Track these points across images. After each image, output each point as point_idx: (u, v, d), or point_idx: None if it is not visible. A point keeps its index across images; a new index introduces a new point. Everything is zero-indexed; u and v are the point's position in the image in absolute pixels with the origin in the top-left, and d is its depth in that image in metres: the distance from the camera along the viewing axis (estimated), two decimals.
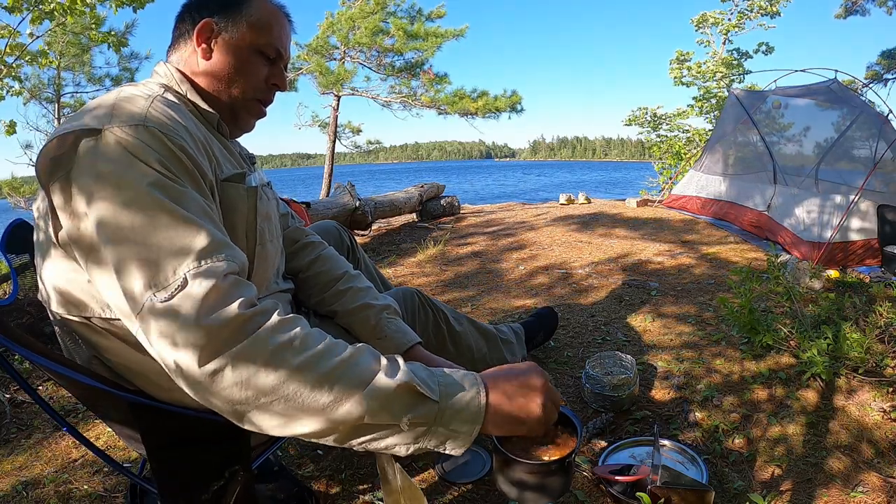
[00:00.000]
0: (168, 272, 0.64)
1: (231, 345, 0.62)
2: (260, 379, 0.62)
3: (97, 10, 4.31)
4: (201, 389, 0.63)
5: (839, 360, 1.67)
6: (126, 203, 0.68)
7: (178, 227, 0.67)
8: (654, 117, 9.36)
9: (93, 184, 0.69)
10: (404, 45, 6.97)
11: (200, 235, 0.68)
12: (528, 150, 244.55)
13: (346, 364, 0.66)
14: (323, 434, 0.65)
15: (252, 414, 0.64)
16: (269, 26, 0.94)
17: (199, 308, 0.62)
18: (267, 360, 0.63)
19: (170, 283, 0.64)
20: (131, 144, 0.71)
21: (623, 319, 2.27)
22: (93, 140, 0.72)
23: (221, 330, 0.62)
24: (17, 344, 0.76)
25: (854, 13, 11.09)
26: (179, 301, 0.63)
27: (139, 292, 0.64)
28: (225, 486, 0.86)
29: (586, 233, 4.12)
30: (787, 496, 1.21)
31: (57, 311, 0.82)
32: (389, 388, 0.65)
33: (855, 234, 3.06)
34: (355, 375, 0.65)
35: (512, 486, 1.18)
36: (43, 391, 1.86)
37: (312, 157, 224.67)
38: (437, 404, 0.67)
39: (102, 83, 8.62)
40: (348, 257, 1.49)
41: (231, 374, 0.62)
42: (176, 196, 0.70)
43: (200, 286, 0.63)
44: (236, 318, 0.63)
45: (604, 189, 27.45)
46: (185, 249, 0.65)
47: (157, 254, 0.65)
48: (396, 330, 1.12)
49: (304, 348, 0.65)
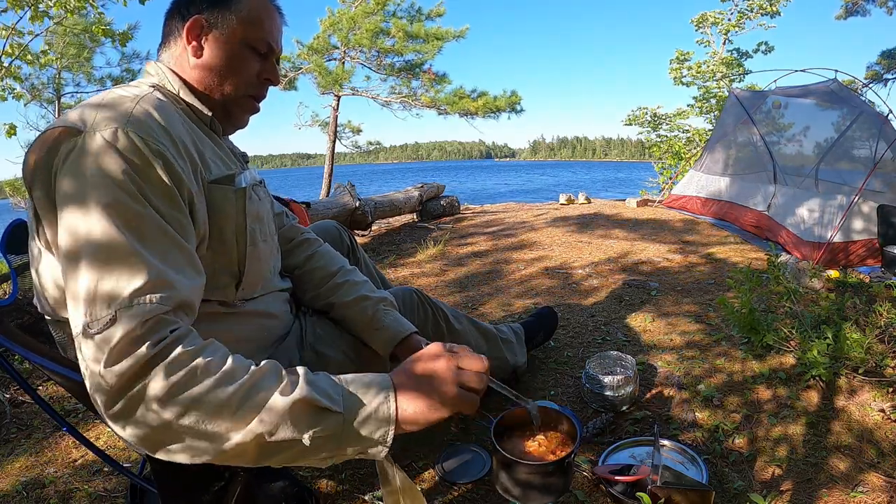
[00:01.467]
0: (103, 305, 0.65)
1: (132, 386, 0.63)
2: (161, 415, 0.63)
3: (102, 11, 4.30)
4: (112, 421, 0.64)
5: (840, 361, 1.67)
6: (86, 219, 0.68)
7: (124, 258, 0.67)
8: (654, 117, 9.35)
9: (67, 189, 0.70)
10: (404, 46, 6.97)
11: (141, 271, 0.67)
12: (528, 150, 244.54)
13: (244, 388, 0.66)
14: (232, 457, 0.66)
15: (159, 446, 0.65)
16: (260, 20, 0.93)
17: (113, 351, 0.63)
18: (165, 398, 0.63)
19: (102, 317, 0.64)
20: (105, 151, 0.70)
21: (623, 319, 2.27)
22: (73, 142, 0.71)
23: (125, 374, 0.63)
24: (16, 344, 0.76)
25: (854, 14, 11.09)
26: (104, 337, 0.63)
27: (80, 314, 0.65)
28: (225, 486, 0.86)
29: (586, 233, 4.12)
30: (787, 496, 1.21)
31: (48, 312, 0.83)
32: (286, 407, 0.65)
33: (855, 234, 3.05)
34: (252, 398, 0.65)
35: (512, 486, 1.18)
36: (43, 391, 1.86)
37: (312, 157, 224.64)
38: (341, 415, 0.67)
39: (103, 83, 8.63)
40: (348, 257, 1.49)
41: (135, 413, 0.63)
42: (130, 220, 0.69)
43: (121, 328, 0.63)
44: (139, 361, 0.63)
45: (609, 189, 27.47)
46: (122, 284, 0.66)
47: (99, 282, 0.65)
48: (394, 320, 1.12)
49: (203, 378, 0.65)
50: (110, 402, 0.63)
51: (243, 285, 0.93)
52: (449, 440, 1.46)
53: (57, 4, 3.83)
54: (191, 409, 0.63)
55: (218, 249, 0.87)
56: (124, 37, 4.85)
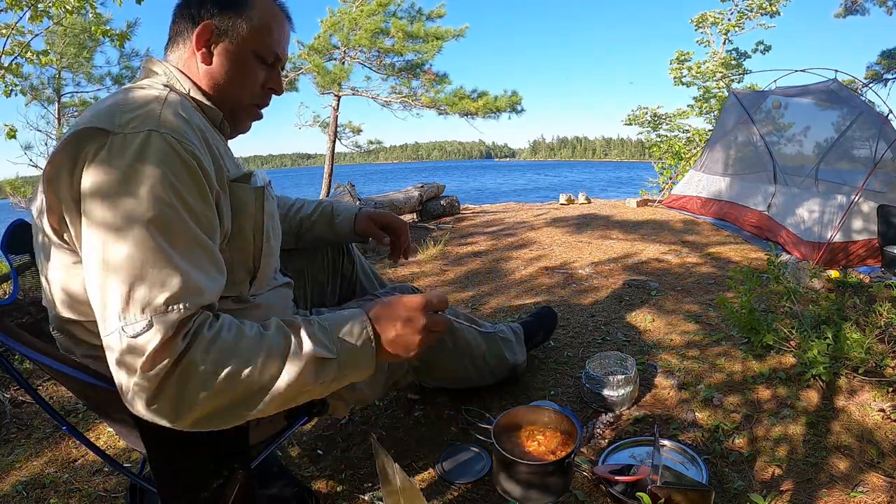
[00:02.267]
0: (138, 311, 0.68)
1: (170, 382, 0.69)
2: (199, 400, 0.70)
3: (100, 13, 4.30)
4: (157, 414, 0.70)
5: (840, 361, 1.67)
6: (119, 223, 0.69)
7: (158, 264, 0.70)
8: (654, 117, 9.35)
9: (97, 192, 0.70)
10: (404, 46, 6.97)
11: (174, 277, 0.70)
12: (528, 150, 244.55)
13: (267, 354, 0.74)
14: (258, 415, 0.76)
15: (199, 426, 0.73)
16: (270, 29, 0.93)
17: (150, 355, 0.67)
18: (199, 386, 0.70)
19: (138, 321, 0.68)
20: (140, 155, 0.71)
21: (623, 319, 2.27)
22: (100, 143, 0.71)
23: (161, 373, 0.68)
24: (17, 343, 0.76)
25: (854, 13, 11.09)
26: (142, 342, 0.67)
27: (114, 317, 0.68)
28: (224, 485, 0.86)
29: (586, 233, 4.12)
30: (787, 496, 1.21)
31: (63, 312, 0.82)
32: (300, 369, 0.75)
33: (855, 234, 3.05)
34: (271, 367, 0.74)
35: (512, 486, 1.18)
36: (43, 391, 1.86)
37: (312, 157, 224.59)
38: (335, 360, 0.78)
39: (102, 82, 8.63)
40: (343, 257, 1.49)
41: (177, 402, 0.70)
42: (163, 225, 0.71)
43: (158, 334, 0.67)
44: (173, 358, 0.68)
45: (610, 189, 27.47)
46: (157, 291, 0.69)
47: (134, 288, 0.68)
48: (345, 207, 1.39)
49: (227, 358, 0.71)
50: (152, 399, 0.68)
51: (256, 281, 0.95)
52: (449, 440, 1.46)
53: (56, 4, 3.84)
54: (222, 391, 0.71)
55: (237, 246, 0.89)
56: (122, 37, 4.84)
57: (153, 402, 0.69)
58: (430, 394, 1.67)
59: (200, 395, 0.70)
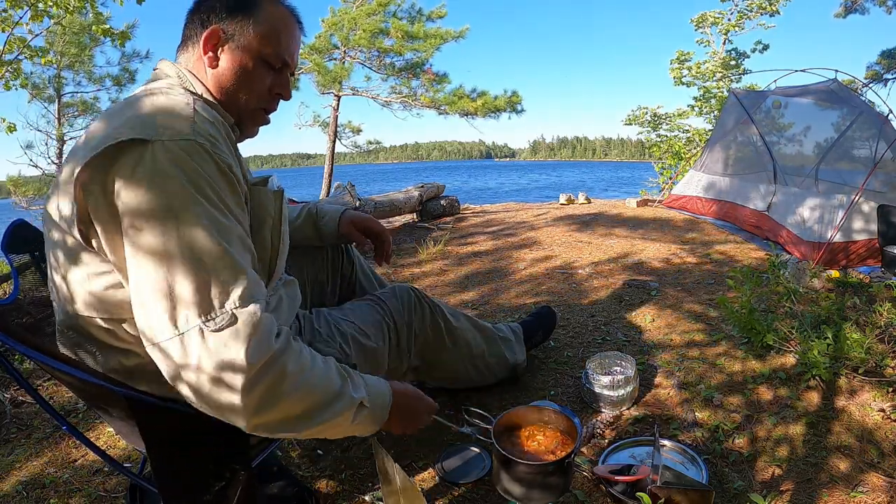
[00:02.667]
0: (216, 304, 0.72)
1: (267, 374, 0.74)
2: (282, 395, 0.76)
3: (100, 12, 4.29)
4: (232, 410, 0.74)
5: (840, 361, 1.67)
6: (178, 228, 0.71)
7: (228, 264, 0.74)
8: (654, 117, 9.34)
9: (143, 200, 0.71)
10: (403, 45, 6.97)
11: (243, 274, 0.75)
12: (528, 151, 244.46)
13: (330, 380, 0.83)
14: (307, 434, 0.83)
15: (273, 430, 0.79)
16: (277, 35, 0.93)
17: (248, 343, 0.72)
18: (288, 382, 0.77)
19: (219, 316, 0.72)
20: (184, 162, 0.73)
21: (623, 319, 2.27)
22: (141, 152, 0.72)
23: (262, 364, 0.73)
24: (18, 342, 0.76)
25: (854, 12, 11.09)
26: (231, 333, 0.71)
27: (188, 317, 0.71)
28: (226, 486, 0.86)
29: (586, 233, 4.12)
30: (787, 496, 1.20)
31: (82, 311, 0.82)
32: (354, 403, 0.86)
33: (855, 234, 3.05)
34: (333, 390, 0.83)
35: (512, 486, 1.18)
36: (43, 391, 1.86)
37: (312, 157, 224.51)
38: (370, 410, 0.89)
39: (103, 82, 8.63)
40: (343, 258, 1.49)
41: (262, 396, 0.74)
42: (223, 229, 0.75)
43: (246, 323, 0.72)
44: (272, 353, 0.75)
45: (612, 188, 27.48)
46: (233, 285, 0.73)
47: (208, 286, 0.72)
48: (329, 209, 1.41)
49: (306, 370, 0.80)
50: (249, 385, 0.72)
51: (271, 282, 0.97)
52: (449, 440, 1.46)
53: (57, 4, 3.83)
54: (299, 395, 0.78)
55: (258, 247, 0.90)
56: (123, 36, 4.84)
57: (250, 391, 0.72)
58: (430, 394, 1.67)
59: (285, 397, 0.76)
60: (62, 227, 0.80)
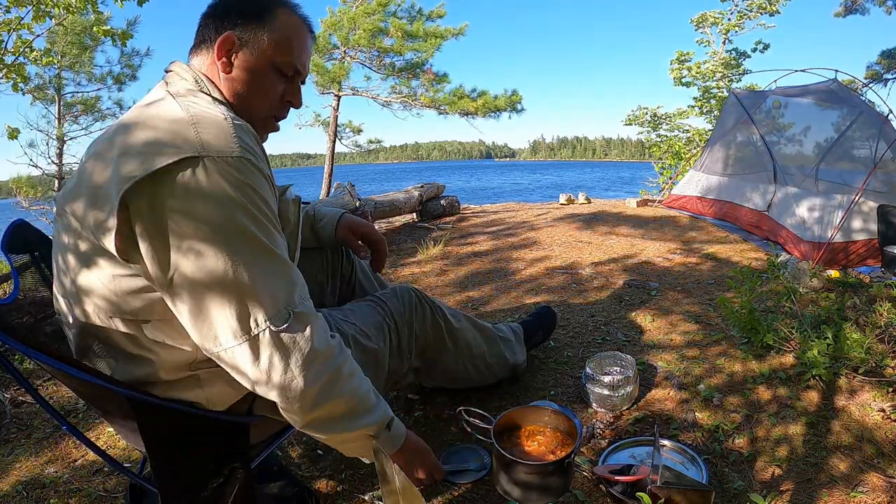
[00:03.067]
0: (280, 306, 0.79)
1: (327, 370, 0.84)
2: (338, 392, 0.87)
3: (101, 12, 4.29)
4: (297, 400, 0.82)
5: (840, 361, 1.67)
6: (233, 241, 0.75)
7: (281, 269, 0.80)
8: (654, 117, 9.34)
9: (195, 217, 0.73)
10: (403, 45, 6.97)
11: (296, 276, 0.83)
12: (528, 151, 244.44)
13: (369, 392, 0.94)
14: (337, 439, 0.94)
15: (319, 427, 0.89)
16: (290, 43, 0.93)
17: (312, 339, 0.82)
18: (345, 380, 0.88)
19: (281, 316, 0.79)
20: (234, 178, 0.76)
21: (623, 319, 2.27)
22: (192, 169, 0.73)
23: (325, 355, 0.84)
24: (18, 342, 0.76)
25: (854, 12, 11.08)
26: (294, 333, 0.80)
27: (257, 320, 0.77)
28: (224, 484, 0.86)
29: (586, 233, 4.12)
30: (787, 496, 1.21)
31: (102, 315, 0.83)
32: (385, 416, 0.97)
33: (855, 234, 3.05)
34: (371, 402, 0.94)
35: (512, 487, 1.18)
36: (43, 391, 1.86)
37: (312, 157, 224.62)
38: (389, 433, 0.98)
39: (104, 82, 8.63)
40: (342, 259, 1.49)
41: (321, 391, 0.84)
42: (273, 239, 0.80)
43: (306, 321, 0.82)
44: (330, 347, 0.85)
45: (613, 188, 27.50)
46: (288, 288, 0.81)
47: (268, 289, 0.78)
48: (328, 212, 1.41)
49: (356, 376, 0.91)
50: (314, 376, 0.82)
51: None
52: (449, 440, 1.46)
53: (59, 5, 3.83)
54: (349, 396, 0.88)
55: None
56: (125, 35, 4.84)
57: (314, 382, 0.82)
58: (430, 394, 1.67)
59: (337, 395, 0.86)
60: (84, 233, 0.79)
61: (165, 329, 0.83)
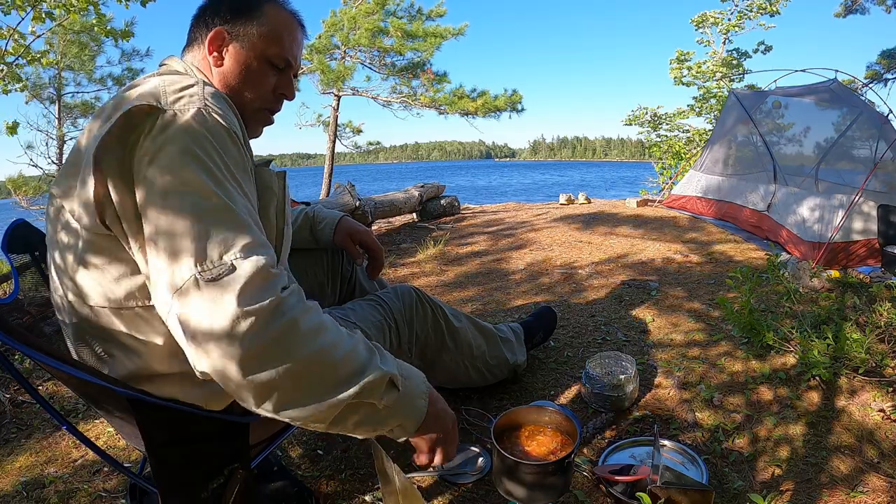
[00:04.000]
0: (215, 256, 0.69)
1: (270, 324, 0.68)
2: (292, 355, 0.69)
3: (103, 13, 4.29)
4: (233, 365, 0.66)
5: (840, 361, 1.67)
6: (185, 188, 0.71)
7: (230, 220, 0.72)
8: (654, 117, 9.34)
9: (154, 162, 0.72)
10: (403, 45, 6.98)
11: (248, 232, 0.73)
12: (528, 151, 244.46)
13: (354, 350, 0.76)
14: (320, 416, 0.73)
15: (274, 394, 0.69)
16: (280, 36, 0.95)
17: (245, 291, 0.67)
18: (299, 340, 0.70)
19: (215, 266, 0.68)
20: (192, 129, 0.74)
21: (623, 319, 2.27)
22: (153, 120, 0.73)
23: (262, 311, 0.67)
24: (18, 342, 0.76)
25: (854, 12, 11.08)
26: (227, 282, 0.67)
27: (186, 268, 0.68)
28: (224, 484, 0.86)
29: (586, 233, 4.12)
30: (787, 496, 1.21)
31: (100, 305, 0.82)
32: (380, 377, 0.76)
33: (856, 234, 3.05)
34: (355, 362, 0.75)
35: (512, 487, 1.18)
36: (43, 391, 1.86)
37: (312, 157, 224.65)
38: (400, 392, 0.80)
39: (104, 83, 8.63)
40: (343, 258, 1.50)
41: (265, 351, 0.67)
42: (228, 193, 0.74)
43: (246, 272, 0.68)
44: (276, 300, 0.69)
45: (614, 188, 27.54)
46: (233, 240, 0.70)
47: (207, 239, 0.69)
48: (327, 214, 1.41)
49: (324, 333, 0.73)
50: (249, 339, 0.66)
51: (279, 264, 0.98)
52: None
53: (59, 6, 3.83)
54: (315, 358, 0.71)
55: (265, 227, 0.91)
56: (126, 34, 4.85)
57: (251, 341, 0.66)
58: None
59: (296, 355, 0.69)
60: (73, 223, 0.80)
61: (152, 314, 0.82)
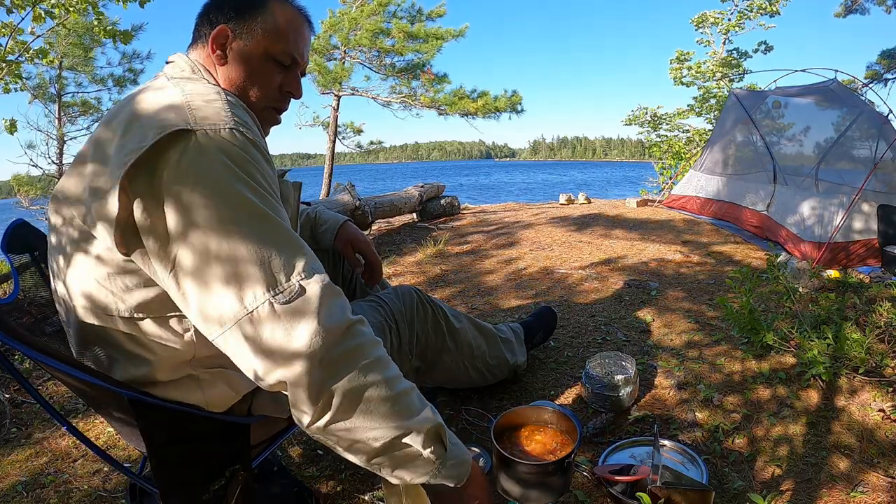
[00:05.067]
0: (283, 279, 0.71)
1: (343, 343, 0.72)
2: (360, 379, 0.72)
3: (102, 13, 4.29)
4: (304, 388, 0.70)
5: (840, 360, 1.67)
6: (238, 212, 0.71)
7: (286, 241, 0.73)
8: (654, 117, 9.34)
9: (192, 189, 0.70)
10: (404, 46, 6.97)
11: (303, 249, 0.75)
12: (528, 151, 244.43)
13: (410, 391, 0.78)
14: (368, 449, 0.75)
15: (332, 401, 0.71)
16: (285, 33, 0.93)
17: (321, 311, 0.71)
18: (366, 365, 0.73)
19: (285, 289, 0.70)
20: (228, 149, 0.73)
21: (623, 319, 2.27)
22: (185, 142, 0.72)
23: (338, 330, 0.71)
24: (18, 342, 0.76)
25: (854, 12, 11.08)
26: (301, 304, 0.70)
27: (255, 295, 0.69)
28: (225, 485, 0.86)
29: (586, 233, 4.12)
30: (787, 496, 1.21)
31: (101, 313, 0.82)
32: (429, 421, 0.78)
33: (855, 234, 3.05)
34: (413, 404, 0.78)
35: (512, 486, 1.18)
36: (43, 391, 1.86)
37: (312, 157, 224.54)
38: (446, 451, 0.81)
39: (105, 83, 8.63)
40: (343, 259, 1.49)
41: (335, 364, 0.71)
42: (273, 207, 0.75)
43: (316, 293, 0.71)
44: (350, 322, 0.73)
45: (614, 188, 27.55)
46: (294, 260, 0.72)
47: (271, 262, 0.71)
48: (329, 217, 1.40)
49: (388, 367, 0.77)
50: (325, 351, 0.70)
51: None
52: None
53: (59, 6, 3.83)
54: (376, 382, 0.73)
55: None
56: (127, 35, 4.84)
57: (323, 358, 0.69)
58: (430, 394, 1.67)
59: (359, 382, 0.71)
60: (81, 228, 0.79)
61: (162, 326, 0.82)
